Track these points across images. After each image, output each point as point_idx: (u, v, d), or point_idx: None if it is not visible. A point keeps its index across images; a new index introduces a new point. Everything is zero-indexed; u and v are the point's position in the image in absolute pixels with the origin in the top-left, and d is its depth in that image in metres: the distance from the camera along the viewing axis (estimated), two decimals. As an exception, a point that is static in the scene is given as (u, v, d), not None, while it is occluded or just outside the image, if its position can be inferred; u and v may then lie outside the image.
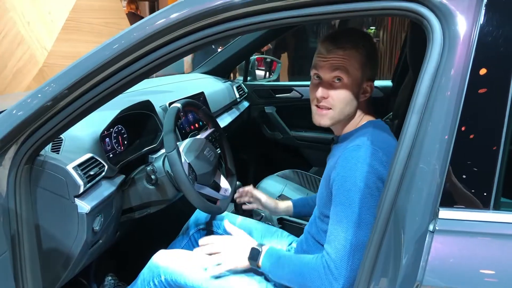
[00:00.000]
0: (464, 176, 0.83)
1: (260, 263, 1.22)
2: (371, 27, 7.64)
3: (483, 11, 0.82)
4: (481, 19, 0.82)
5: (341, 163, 1.13)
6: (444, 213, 0.82)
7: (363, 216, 1.08)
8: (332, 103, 1.20)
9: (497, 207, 0.82)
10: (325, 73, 1.19)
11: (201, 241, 1.34)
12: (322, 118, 1.23)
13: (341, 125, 1.26)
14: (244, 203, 1.71)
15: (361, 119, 1.25)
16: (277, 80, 3.40)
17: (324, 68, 1.19)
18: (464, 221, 0.82)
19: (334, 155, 1.23)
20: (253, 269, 1.27)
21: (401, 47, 2.83)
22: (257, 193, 1.67)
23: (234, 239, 1.31)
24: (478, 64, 0.82)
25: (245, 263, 1.25)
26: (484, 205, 0.82)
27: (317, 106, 1.22)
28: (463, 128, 0.82)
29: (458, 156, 0.82)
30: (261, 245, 1.26)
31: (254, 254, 1.23)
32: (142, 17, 9.23)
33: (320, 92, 1.19)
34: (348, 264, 1.07)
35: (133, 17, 5.75)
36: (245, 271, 1.29)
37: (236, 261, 1.26)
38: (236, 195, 1.71)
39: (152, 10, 11.24)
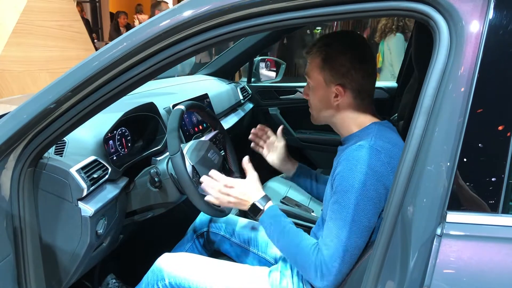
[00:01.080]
0: (472, 179, 0.82)
1: (259, 219, 1.26)
2: (317, 28, 7.68)
3: (491, 12, 0.81)
4: (489, 20, 0.81)
5: (342, 163, 1.13)
6: (452, 216, 0.81)
7: (357, 217, 1.07)
8: (311, 104, 1.31)
9: (506, 211, 0.80)
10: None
11: (214, 174, 1.35)
12: (311, 117, 1.34)
13: (337, 127, 1.28)
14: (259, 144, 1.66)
15: (363, 119, 1.23)
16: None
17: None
18: (472, 224, 0.81)
19: (338, 155, 1.23)
20: (259, 278, 1.30)
21: (406, 48, 2.81)
22: (271, 134, 1.64)
23: (244, 185, 1.31)
24: (485, 65, 0.81)
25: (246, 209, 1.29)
26: (493, 208, 0.81)
27: None
28: (471, 130, 0.81)
29: (466, 158, 0.81)
30: (265, 199, 1.29)
31: (255, 211, 1.27)
32: (88, 20, 9.25)
33: (303, 93, 1.33)
34: (337, 263, 1.07)
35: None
36: (251, 280, 1.30)
37: (239, 206, 1.30)
38: (251, 137, 1.65)
39: (94, 11, 11.11)
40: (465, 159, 0.81)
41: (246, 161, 1.37)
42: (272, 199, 2.06)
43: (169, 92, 2.21)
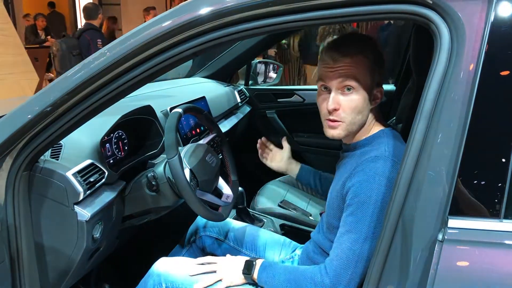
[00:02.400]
0: (473, 184, 0.81)
1: (255, 275, 1.22)
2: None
3: (492, 16, 0.81)
4: (490, 24, 0.81)
5: (358, 174, 1.11)
6: (453, 222, 0.80)
7: (373, 229, 1.06)
8: (343, 115, 1.15)
9: (508, 216, 0.80)
10: (334, 83, 1.13)
11: (197, 261, 1.36)
12: (335, 131, 1.17)
13: (352, 134, 1.21)
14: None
15: (373, 125, 1.21)
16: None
17: (332, 78, 1.13)
18: (474, 230, 0.80)
19: (348, 163, 1.20)
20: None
21: (404, 50, 2.81)
22: (273, 147, 1.71)
23: (229, 257, 1.33)
24: (487, 70, 0.80)
25: (240, 277, 1.26)
26: (494, 214, 0.80)
27: (328, 120, 1.17)
28: (472, 134, 0.80)
29: (468, 163, 0.81)
30: (255, 258, 1.27)
31: (249, 267, 1.24)
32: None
33: (332, 104, 1.13)
34: (348, 273, 1.06)
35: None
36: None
37: (232, 277, 1.26)
38: (259, 147, 1.72)
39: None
40: (466, 164, 0.80)
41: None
42: (270, 201, 2.07)
43: (167, 95, 2.20)
